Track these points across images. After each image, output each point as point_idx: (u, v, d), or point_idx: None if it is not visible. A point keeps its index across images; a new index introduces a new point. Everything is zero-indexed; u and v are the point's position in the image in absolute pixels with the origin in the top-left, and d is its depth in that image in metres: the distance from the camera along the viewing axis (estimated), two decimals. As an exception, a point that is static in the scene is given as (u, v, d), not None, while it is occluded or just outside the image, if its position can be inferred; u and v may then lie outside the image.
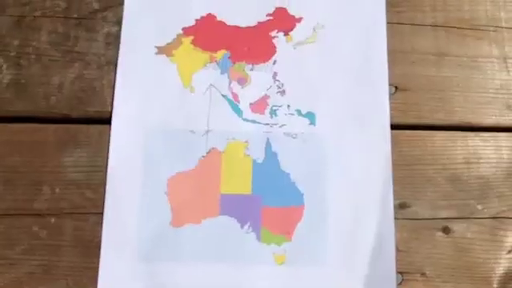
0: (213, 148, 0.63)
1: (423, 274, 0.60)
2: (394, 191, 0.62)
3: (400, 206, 0.63)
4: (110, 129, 0.62)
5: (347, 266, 0.60)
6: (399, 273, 0.60)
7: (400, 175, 0.63)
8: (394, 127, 0.63)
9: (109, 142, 0.62)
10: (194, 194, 0.61)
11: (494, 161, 0.63)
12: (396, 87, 0.64)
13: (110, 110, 0.63)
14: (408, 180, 0.63)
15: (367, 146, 0.63)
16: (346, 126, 0.64)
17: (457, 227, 0.61)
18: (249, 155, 0.63)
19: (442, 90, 0.65)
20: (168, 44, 0.65)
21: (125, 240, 0.60)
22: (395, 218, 0.61)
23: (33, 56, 0.63)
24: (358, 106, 0.64)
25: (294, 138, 0.63)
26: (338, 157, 0.63)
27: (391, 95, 0.64)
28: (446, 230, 0.61)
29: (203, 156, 0.63)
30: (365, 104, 0.64)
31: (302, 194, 0.62)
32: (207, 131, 0.63)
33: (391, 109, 0.63)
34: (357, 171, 0.62)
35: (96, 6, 0.65)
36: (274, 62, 0.64)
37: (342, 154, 0.63)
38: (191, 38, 0.65)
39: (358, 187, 0.62)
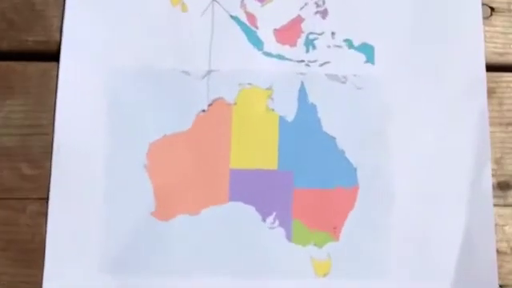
0: (218, 98, 0.46)
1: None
2: (493, 165, 0.46)
3: (500, 187, 0.46)
4: (57, 68, 0.46)
5: (421, 279, 0.44)
6: (501, 286, 0.45)
7: (500, 141, 0.47)
8: (490, 68, 0.48)
9: (56, 88, 0.46)
10: (190, 170, 0.45)
11: None
12: (492, 8, 0.49)
13: (57, 39, 0.47)
14: (512, 148, 0.47)
15: (450, 96, 0.47)
16: (420, 66, 0.47)
17: None
18: (273, 109, 0.46)
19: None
20: None
21: (81, 241, 0.44)
22: (494, 205, 0.45)
23: None
24: (438, 38, 0.48)
25: (342, 82, 0.47)
26: (408, 112, 0.46)
27: (485, 20, 0.48)
28: None
29: (203, 110, 0.46)
30: (446, 35, 0.48)
31: (355, 170, 0.45)
32: (209, 72, 0.46)
33: (486, 40, 0.48)
34: (435, 134, 0.46)
35: None
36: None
37: (414, 107, 0.46)
38: None
39: (438, 159, 0.46)
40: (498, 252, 0.44)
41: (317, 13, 0.47)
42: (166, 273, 0.43)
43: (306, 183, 0.45)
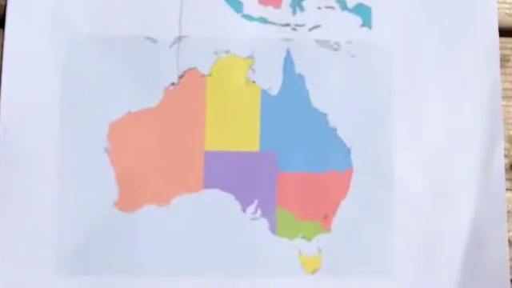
0: (190, 69, 0.40)
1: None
2: (505, 144, 0.40)
3: None
4: (2, 36, 0.40)
5: (425, 276, 0.39)
6: None
7: None
8: (503, 33, 0.41)
9: (1, 59, 0.40)
10: (158, 153, 0.39)
11: None
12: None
13: (2, 2, 0.41)
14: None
15: (459, 66, 0.40)
16: (424, 31, 0.41)
17: None
18: (254, 82, 0.40)
19: None
20: None
21: (34, 238, 0.38)
22: (506, 189, 0.40)
23: None
24: None
25: (334, 49, 0.40)
26: (411, 85, 0.40)
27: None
28: None
29: (173, 83, 0.40)
30: None
31: (349, 150, 0.40)
32: (179, 38, 0.40)
33: (498, 0, 0.42)
34: (441, 110, 0.40)
35: None
36: None
37: (417, 79, 0.40)
38: None
39: (445, 139, 0.40)
40: (510, 243, 0.39)
41: (304, -32, 0.41)
42: (131, 272, 0.37)
43: (293, 166, 0.39)
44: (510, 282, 0.38)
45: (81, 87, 0.39)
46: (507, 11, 0.42)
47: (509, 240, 0.39)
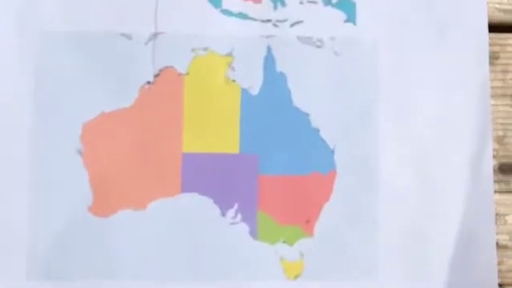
0: (167, 67, 0.38)
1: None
2: (494, 145, 0.39)
3: (501, 171, 0.39)
4: None
5: (412, 278, 0.37)
6: (500, 286, 0.38)
7: (503, 117, 0.39)
8: (493, 28, 0.40)
9: None
10: (133, 155, 0.37)
11: None
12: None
13: None
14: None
15: (447, 63, 0.39)
16: (410, 27, 0.39)
17: None
18: (234, 80, 0.38)
19: None
20: None
21: (4, 243, 0.36)
22: (495, 192, 0.38)
23: None
24: None
25: (317, 46, 0.39)
26: (396, 83, 0.39)
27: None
28: None
29: (148, 82, 0.38)
30: None
31: (332, 152, 0.38)
32: (155, 35, 0.38)
33: None
34: (428, 109, 0.39)
35: None
36: None
37: (403, 77, 0.39)
38: None
39: (432, 139, 0.38)
40: (498, 246, 0.38)
41: (286, -39, 0.39)
42: (106, 277, 0.36)
43: (274, 169, 0.37)
44: (498, 286, 0.37)
45: (52, 86, 0.37)
46: (497, 6, 0.40)
47: (497, 243, 0.38)
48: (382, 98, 0.38)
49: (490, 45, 0.39)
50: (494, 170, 0.38)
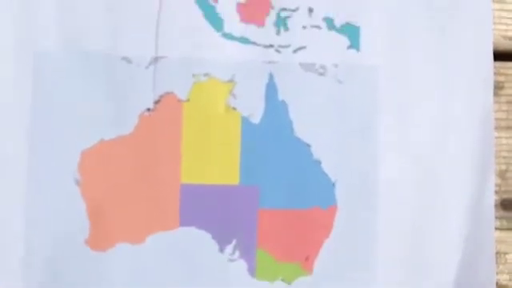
0: (167, 93, 0.37)
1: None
2: (496, 179, 0.38)
3: (503, 207, 0.38)
4: None
5: None
6: None
7: (506, 150, 0.39)
8: (498, 56, 0.39)
9: None
10: (132, 185, 0.36)
11: None
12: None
13: None
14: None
15: (451, 93, 0.38)
16: (415, 54, 0.38)
17: None
18: (235, 108, 0.37)
19: None
20: None
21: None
22: (496, 229, 0.38)
23: None
24: (437, 14, 0.39)
25: (320, 74, 0.38)
26: (400, 112, 0.38)
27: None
28: None
29: (148, 109, 0.37)
30: (447, 9, 0.39)
31: (333, 185, 0.37)
32: (155, 59, 0.37)
33: (494, 21, 0.39)
34: (431, 141, 0.38)
35: None
36: None
37: (407, 106, 0.38)
38: None
39: (433, 175, 0.38)
40: (498, 286, 0.37)
41: (291, -16, 0.37)
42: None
43: (274, 202, 0.37)
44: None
45: (50, 112, 0.36)
46: (504, 33, 0.39)
47: (497, 283, 0.37)
48: (383, 129, 0.37)
49: (495, 74, 0.38)
50: (496, 206, 0.38)
